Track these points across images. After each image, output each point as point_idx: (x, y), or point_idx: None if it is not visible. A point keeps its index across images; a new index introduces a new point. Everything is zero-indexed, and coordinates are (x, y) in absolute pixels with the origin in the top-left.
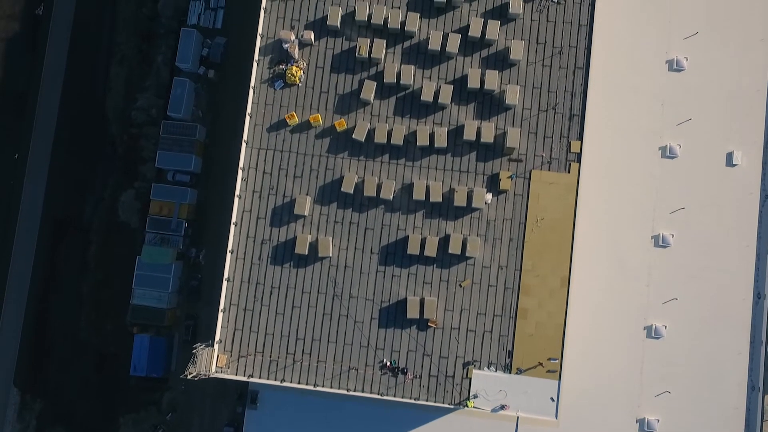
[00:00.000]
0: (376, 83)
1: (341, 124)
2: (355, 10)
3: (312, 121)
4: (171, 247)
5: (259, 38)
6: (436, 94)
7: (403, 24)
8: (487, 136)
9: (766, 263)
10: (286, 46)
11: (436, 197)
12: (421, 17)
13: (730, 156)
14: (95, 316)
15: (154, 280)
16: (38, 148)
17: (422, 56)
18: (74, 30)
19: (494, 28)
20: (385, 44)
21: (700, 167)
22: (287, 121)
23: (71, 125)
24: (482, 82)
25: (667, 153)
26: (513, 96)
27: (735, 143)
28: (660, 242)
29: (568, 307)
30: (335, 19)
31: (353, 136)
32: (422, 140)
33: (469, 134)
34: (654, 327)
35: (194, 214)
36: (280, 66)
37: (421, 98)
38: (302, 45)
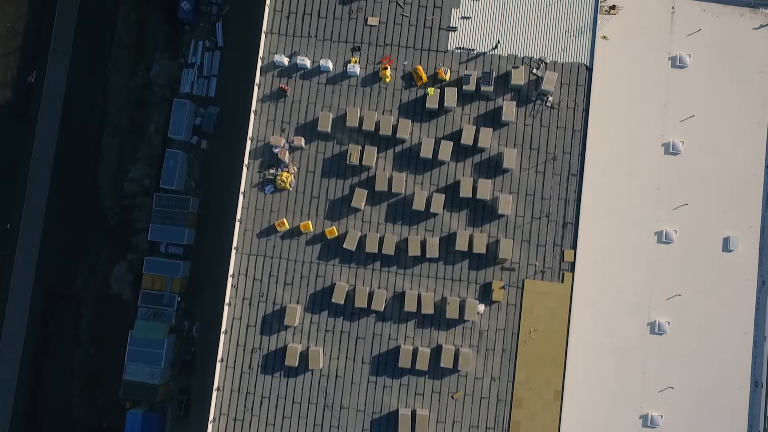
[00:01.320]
0: (367, 191)
1: (332, 232)
2: (346, 114)
3: (302, 229)
4: (163, 321)
5: (249, 141)
6: (428, 202)
7: (394, 129)
8: (480, 247)
9: (763, 351)
10: (276, 150)
11: (427, 309)
12: (412, 121)
13: (726, 241)
14: (87, 390)
15: (146, 355)
16: (30, 218)
17: (414, 161)
18: (66, 98)
19: (487, 136)
20: (376, 150)
21: (696, 253)
22: (277, 228)
23: (63, 195)
24: (474, 190)
25: (663, 238)
26: (506, 206)
27: (732, 228)
28: (656, 330)
29: (562, 421)
30: (326, 124)
31: (344, 245)
32: (414, 250)
33: (461, 245)
34: (650, 416)
35: (187, 287)
36: (271, 170)
37: (413, 207)
38: (293, 149)
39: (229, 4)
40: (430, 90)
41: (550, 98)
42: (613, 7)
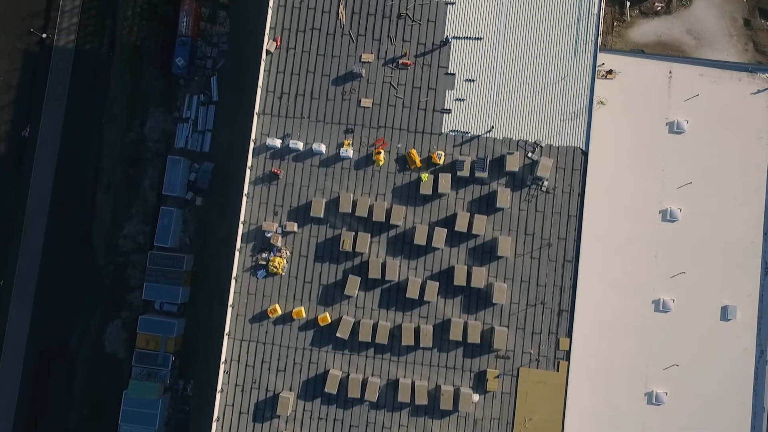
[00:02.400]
0: (360, 278)
1: (324, 319)
2: (339, 199)
3: (295, 316)
4: (158, 382)
5: (241, 225)
6: (422, 289)
7: (388, 213)
8: (474, 337)
9: (762, 422)
10: (269, 235)
11: (421, 400)
12: (406, 206)
13: (724, 310)
14: None
15: (140, 416)
16: (24, 275)
17: (408, 246)
18: (60, 153)
19: (481, 223)
20: (369, 236)
21: (694, 322)
22: (269, 315)
23: (58, 252)
24: (469, 277)
25: (661, 307)
26: (500, 295)
27: (730, 297)
28: (653, 400)
29: None
30: (319, 210)
31: (337, 334)
32: (407, 340)
33: (455, 334)
34: None
35: (182, 345)
36: (263, 254)
37: (407, 296)
38: (285, 233)
39: (223, 58)
40: (424, 176)
41: (546, 183)
42: (610, 72)
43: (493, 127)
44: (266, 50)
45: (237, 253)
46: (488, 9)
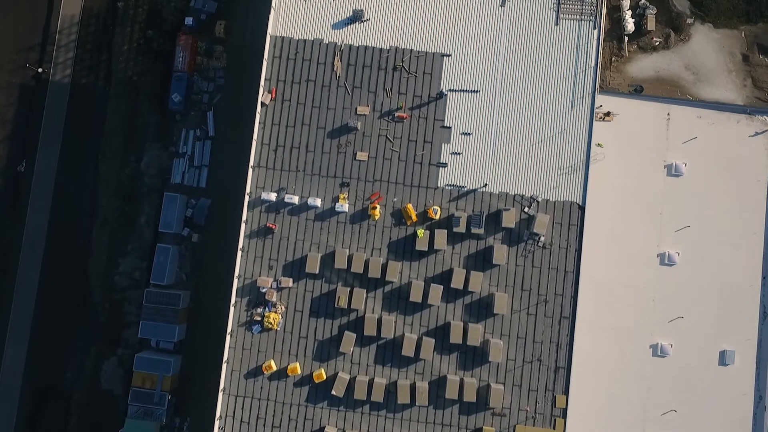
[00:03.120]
0: (355, 335)
1: (320, 376)
2: (334, 254)
3: (290, 373)
4: (154, 420)
5: (235, 280)
6: (418, 346)
7: (384, 268)
8: (470, 396)
9: None
10: (264, 290)
11: None
12: (402, 261)
13: (723, 355)
14: None
15: None
16: (19, 312)
17: (403, 302)
18: (56, 188)
19: (477, 280)
20: (365, 292)
21: (692, 367)
22: (264, 372)
23: (53, 288)
24: (465, 333)
25: (658, 352)
26: (497, 353)
27: (728, 341)
28: None
29: None
30: (314, 266)
31: (332, 392)
32: (403, 398)
33: (451, 393)
34: None
35: (178, 382)
36: (258, 309)
37: (402, 353)
38: (280, 289)
39: (220, 93)
40: (420, 232)
41: (542, 238)
42: (608, 114)
43: (486, 184)
44: (261, 102)
45: (232, 308)
46: (484, 61)
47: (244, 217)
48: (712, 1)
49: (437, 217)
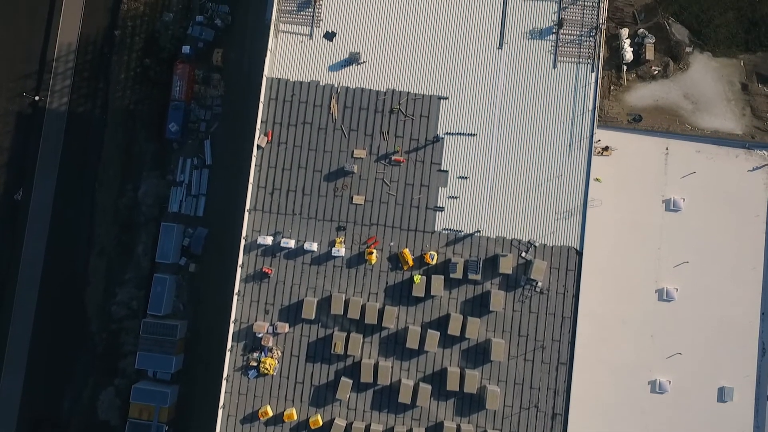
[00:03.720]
0: (351, 381)
1: (316, 422)
2: (331, 299)
3: (286, 419)
4: None
5: (232, 324)
6: (415, 393)
7: (380, 313)
8: None
9: None
10: (260, 335)
11: None
12: (399, 306)
13: (721, 391)
14: None
15: None
16: (16, 341)
17: (400, 347)
18: (53, 217)
19: (474, 326)
20: (362, 338)
21: (690, 403)
22: (260, 417)
23: (50, 318)
24: (462, 380)
25: (657, 388)
26: (493, 401)
27: (727, 378)
28: None
29: None
30: (310, 312)
31: None
32: None
33: None
34: None
35: (175, 413)
36: (254, 354)
37: (399, 400)
38: (276, 333)
39: (217, 121)
40: (417, 277)
41: (540, 283)
42: (606, 149)
43: (479, 230)
44: (257, 145)
45: (228, 353)
46: (482, 104)
47: (240, 261)
48: (711, 29)
49: (434, 262)
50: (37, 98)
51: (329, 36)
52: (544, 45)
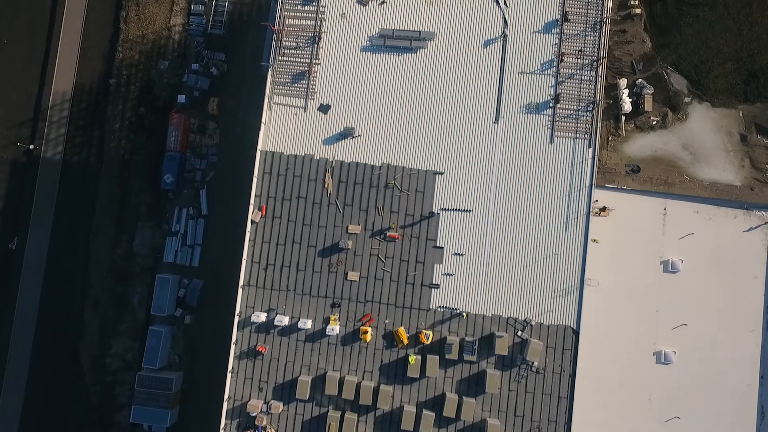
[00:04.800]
0: None
1: None
2: (325, 378)
3: None
4: None
5: (225, 402)
6: None
7: (375, 392)
8: None
9: None
10: (254, 415)
11: None
12: (394, 384)
13: None
14: None
15: None
16: (10, 393)
17: (395, 428)
18: (48, 267)
19: (470, 408)
20: (356, 418)
21: None
22: None
23: (45, 370)
24: None
25: None
26: None
27: None
28: None
29: None
30: (304, 392)
31: None
32: None
33: None
34: None
35: None
36: None
37: None
38: (270, 412)
39: (213, 170)
40: (411, 358)
41: (536, 363)
42: (603, 209)
43: (473, 312)
44: (251, 220)
45: (222, 430)
46: (477, 180)
47: (233, 338)
48: (710, 80)
49: (429, 341)
50: (32, 147)
51: (324, 109)
52: (540, 120)
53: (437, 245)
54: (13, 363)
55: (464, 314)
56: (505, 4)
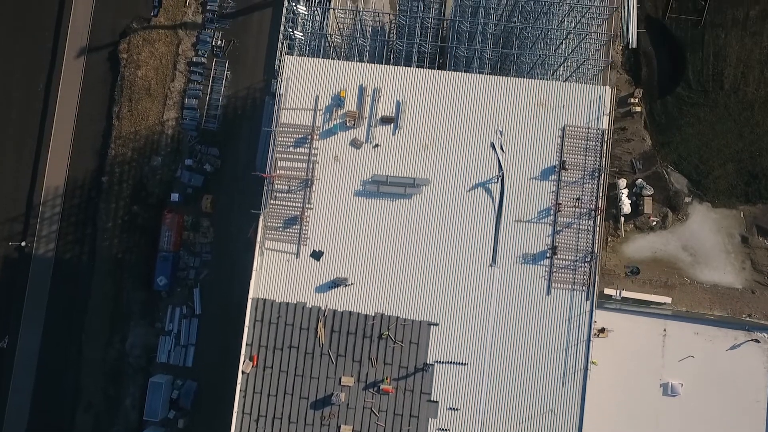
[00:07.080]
0: None
1: None
2: None
3: None
4: None
5: None
6: None
7: None
8: None
9: None
10: None
11: None
12: None
13: None
14: None
15: None
16: None
17: None
18: (39, 368)
19: None
20: None
21: None
22: None
23: None
24: None
25: None
26: None
27: None
28: None
29: None
30: None
31: None
32: None
33: None
34: None
35: None
36: None
37: None
38: None
39: (206, 269)
40: None
41: None
42: (602, 330)
43: None
44: (242, 371)
45: None
46: (473, 331)
47: None
48: (711, 180)
49: None
50: (23, 244)
51: (316, 255)
52: (537, 270)
53: (432, 399)
54: None
55: None
56: (502, 149)
